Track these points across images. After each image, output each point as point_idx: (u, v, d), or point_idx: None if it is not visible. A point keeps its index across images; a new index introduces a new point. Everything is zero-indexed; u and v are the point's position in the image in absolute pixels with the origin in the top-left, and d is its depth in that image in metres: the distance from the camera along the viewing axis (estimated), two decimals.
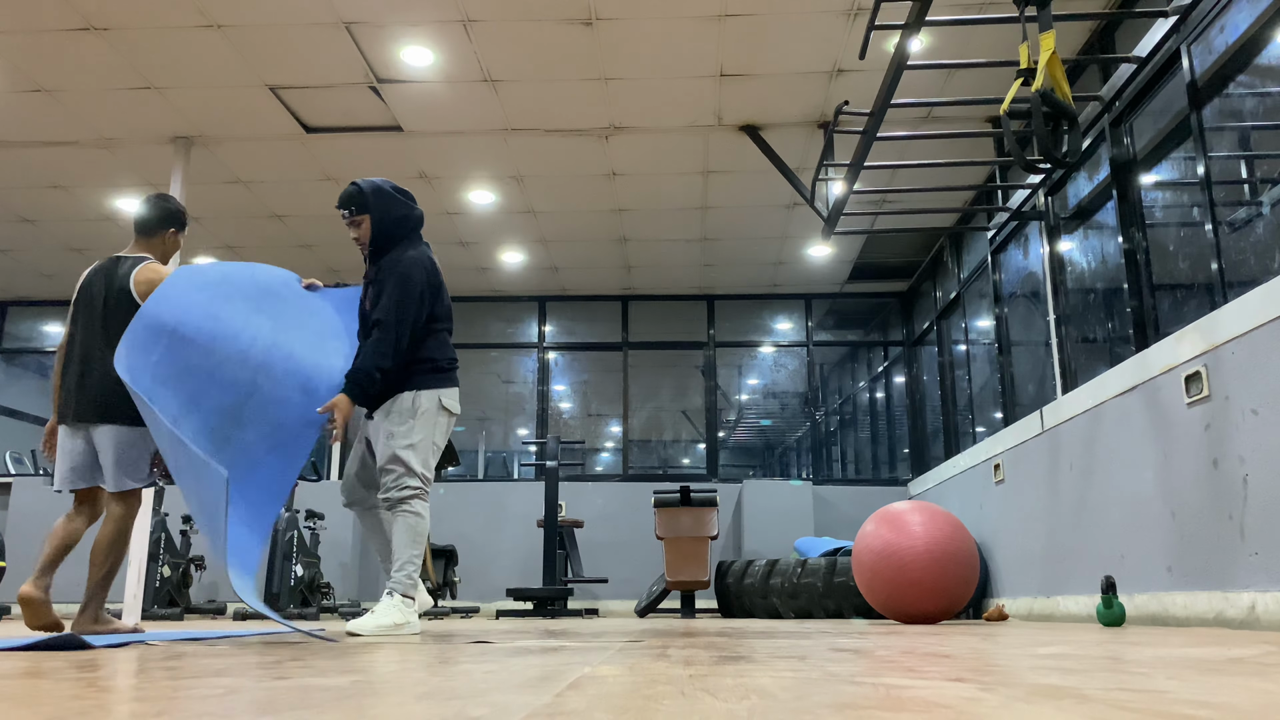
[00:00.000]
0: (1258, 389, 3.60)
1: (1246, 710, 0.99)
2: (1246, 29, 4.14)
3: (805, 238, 8.61)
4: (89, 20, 5.49)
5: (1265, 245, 4.10)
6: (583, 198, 7.81)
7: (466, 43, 5.72)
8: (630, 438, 9.94)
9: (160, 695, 1.21)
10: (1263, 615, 3.57)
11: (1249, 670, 1.53)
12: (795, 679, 1.40)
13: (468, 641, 2.84)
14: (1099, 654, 2.00)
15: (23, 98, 6.31)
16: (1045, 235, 6.29)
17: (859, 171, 5.58)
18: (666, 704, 1.08)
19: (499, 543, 9.24)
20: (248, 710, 1.03)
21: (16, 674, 1.58)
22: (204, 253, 8.90)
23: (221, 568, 7.37)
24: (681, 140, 6.88)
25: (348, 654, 2.19)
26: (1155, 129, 4.99)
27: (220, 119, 6.60)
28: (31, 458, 10.10)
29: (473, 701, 1.12)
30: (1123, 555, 4.73)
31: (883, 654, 2.05)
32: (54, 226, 8.34)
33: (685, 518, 7.88)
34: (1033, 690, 1.20)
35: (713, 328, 10.03)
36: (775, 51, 5.81)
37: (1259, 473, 3.61)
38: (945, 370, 8.74)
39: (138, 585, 6.04)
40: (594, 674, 1.53)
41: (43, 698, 1.18)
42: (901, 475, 9.86)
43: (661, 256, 9.06)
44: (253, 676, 1.51)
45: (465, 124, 6.67)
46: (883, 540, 5.04)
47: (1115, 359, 5.21)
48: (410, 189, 7.63)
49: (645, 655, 2.05)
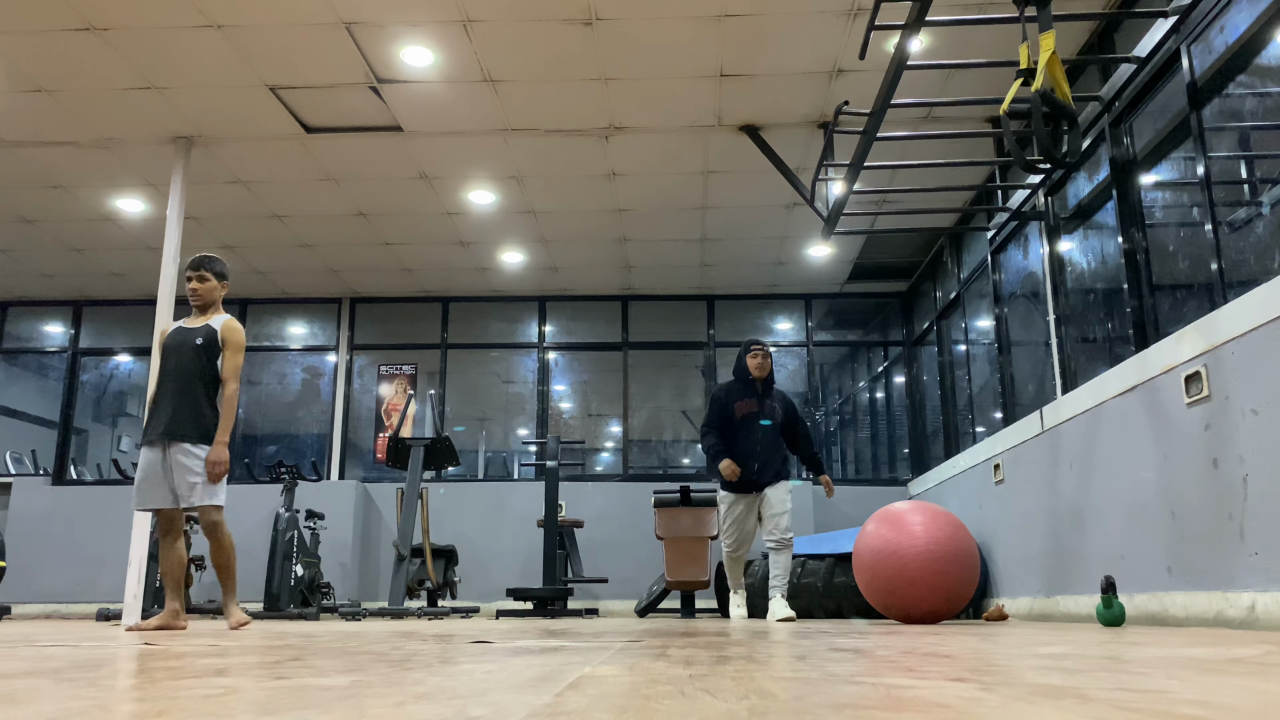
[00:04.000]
0: (1257, 389, 3.60)
1: (1246, 710, 0.99)
2: (1246, 29, 4.14)
3: (805, 238, 8.61)
4: (89, 20, 5.49)
5: (1265, 245, 4.10)
6: (583, 198, 7.81)
7: (466, 43, 5.72)
8: (630, 438, 9.94)
9: (160, 695, 1.21)
10: (1263, 615, 3.57)
11: (1249, 670, 1.53)
12: (795, 679, 1.40)
13: (468, 641, 2.84)
14: (1099, 654, 2.00)
15: (23, 98, 6.31)
16: (1045, 235, 6.29)
17: (859, 171, 5.58)
18: (666, 704, 1.08)
19: (499, 543, 9.24)
20: (248, 710, 1.03)
21: (17, 674, 1.59)
22: (204, 253, 8.89)
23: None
24: (681, 140, 6.88)
25: (347, 654, 2.19)
26: (1155, 129, 4.99)
27: (220, 119, 6.60)
28: (32, 457, 10.10)
29: (473, 701, 1.12)
30: (1123, 555, 4.73)
31: (883, 654, 2.05)
32: (54, 226, 8.34)
33: (685, 518, 7.88)
34: (1033, 690, 1.20)
35: (713, 328, 10.03)
36: (775, 51, 5.81)
37: (1259, 473, 3.61)
38: (945, 370, 8.74)
39: (138, 585, 6.04)
40: (594, 674, 1.53)
41: (43, 698, 1.18)
42: (901, 475, 9.86)
43: (661, 256, 9.06)
44: (253, 676, 1.51)
45: (465, 124, 6.67)
46: (883, 540, 5.04)
47: (1115, 359, 5.21)
48: (410, 189, 7.66)
49: (645, 655, 2.05)
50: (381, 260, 9.13)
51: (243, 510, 9.18)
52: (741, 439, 5.96)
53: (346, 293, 10.07)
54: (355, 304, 10.21)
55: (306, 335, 10.33)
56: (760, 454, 5.95)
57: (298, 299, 10.17)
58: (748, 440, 5.95)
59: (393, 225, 8.36)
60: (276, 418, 10.44)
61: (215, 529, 4.40)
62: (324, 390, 10.13)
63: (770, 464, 5.96)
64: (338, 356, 10.12)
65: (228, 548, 4.42)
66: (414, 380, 10.05)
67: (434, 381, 9.95)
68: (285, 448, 10.50)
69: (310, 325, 10.33)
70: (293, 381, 10.37)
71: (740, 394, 6.07)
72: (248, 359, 10.17)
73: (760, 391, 6.05)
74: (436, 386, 9.89)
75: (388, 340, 10.20)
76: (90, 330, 10.25)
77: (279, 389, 10.38)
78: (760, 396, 6.04)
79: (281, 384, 10.39)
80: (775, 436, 6.01)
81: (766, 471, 5.95)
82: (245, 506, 9.19)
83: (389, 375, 10.07)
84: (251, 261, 9.15)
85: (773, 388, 6.16)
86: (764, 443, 5.96)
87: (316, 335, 10.29)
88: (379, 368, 10.12)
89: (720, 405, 6.07)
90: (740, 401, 6.04)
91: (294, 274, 9.49)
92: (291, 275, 9.53)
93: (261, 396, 10.35)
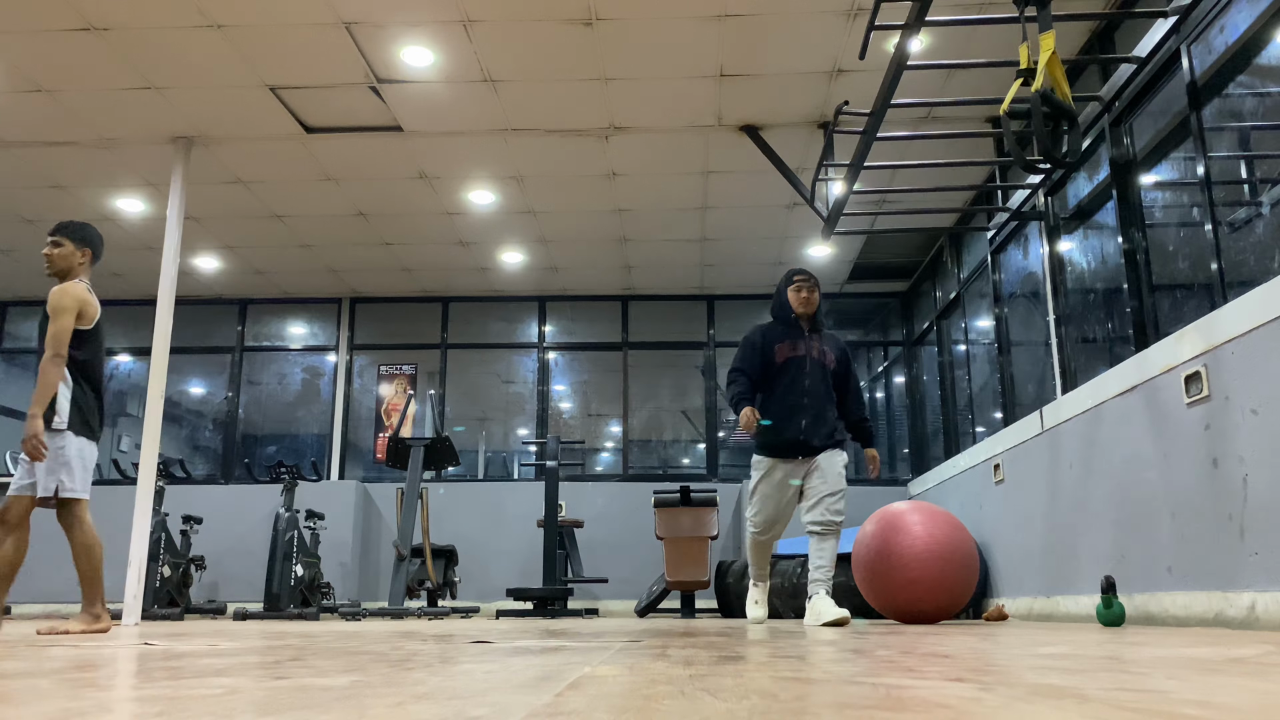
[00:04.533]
0: (1257, 389, 3.60)
1: (1246, 710, 0.99)
2: (1246, 29, 4.14)
3: (805, 238, 8.61)
4: (89, 20, 5.49)
5: (1265, 245, 4.10)
6: (583, 198, 7.81)
7: (466, 43, 5.72)
8: (630, 438, 9.94)
9: (160, 695, 1.21)
10: (1263, 615, 3.57)
11: (1249, 670, 1.53)
12: (795, 679, 1.40)
13: (468, 641, 2.83)
14: (1099, 654, 2.00)
15: (23, 98, 6.31)
16: (1045, 235, 6.29)
17: (859, 171, 5.58)
18: (666, 704, 1.08)
19: (499, 543, 9.24)
20: (248, 710, 1.03)
21: (17, 674, 1.59)
22: (204, 253, 8.90)
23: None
24: (681, 140, 6.87)
25: (347, 654, 2.19)
26: (1155, 129, 4.99)
27: (220, 119, 6.60)
28: None
29: (473, 701, 1.12)
30: (1123, 555, 4.73)
31: (883, 654, 2.05)
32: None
33: (685, 518, 7.88)
34: (1033, 690, 1.20)
35: (712, 328, 10.03)
36: (775, 51, 5.81)
37: (1259, 473, 3.61)
38: (945, 370, 8.74)
39: (138, 585, 6.04)
40: (594, 674, 1.53)
41: (43, 698, 1.18)
42: (901, 475, 9.85)
43: (661, 256, 9.06)
44: (253, 676, 1.51)
45: (465, 124, 6.67)
46: (881, 540, 5.04)
47: (1115, 359, 5.21)
48: (410, 189, 7.66)
49: (645, 655, 2.05)
50: (381, 260, 9.13)
51: (243, 510, 9.18)
52: (784, 390, 4.82)
53: (346, 293, 10.07)
54: (355, 304, 10.21)
55: (306, 335, 10.33)
56: (809, 407, 4.80)
57: (298, 299, 10.17)
58: (792, 391, 4.80)
59: (393, 225, 8.36)
60: (276, 418, 10.44)
61: (66, 524, 4.00)
62: (324, 390, 10.13)
63: (823, 420, 4.82)
64: (338, 356, 10.12)
65: (84, 547, 4.02)
66: (414, 380, 10.05)
67: (434, 381, 9.95)
68: (285, 448, 10.50)
69: (310, 325, 10.33)
70: (293, 381, 10.38)
71: (781, 335, 4.92)
72: (247, 358, 10.17)
73: (807, 332, 4.95)
74: (436, 386, 9.89)
75: (388, 340, 10.20)
76: None
77: (279, 389, 10.38)
78: (807, 337, 4.93)
79: (281, 384, 10.39)
80: (827, 386, 4.87)
81: (818, 430, 4.80)
82: (245, 506, 9.20)
83: (389, 375, 10.07)
84: (251, 261, 9.15)
85: (822, 327, 5.03)
86: (812, 393, 4.82)
87: (316, 335, 10.29)
88: (379, 368, 10.12)
89: (754, 348, 4.90)
90: (782, 343, 4.88)
91: (294, 274, 9.49)
92: (291, 275, 9.53)
93: (261, 396, 10.35)
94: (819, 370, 4.85)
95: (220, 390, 10.19)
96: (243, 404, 10.09)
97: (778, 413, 4.79)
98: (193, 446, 11.13)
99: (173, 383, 10.37)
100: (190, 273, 9.31)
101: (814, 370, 4.84)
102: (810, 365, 4.83)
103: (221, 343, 10.16)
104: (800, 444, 4.80)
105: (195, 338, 10.06)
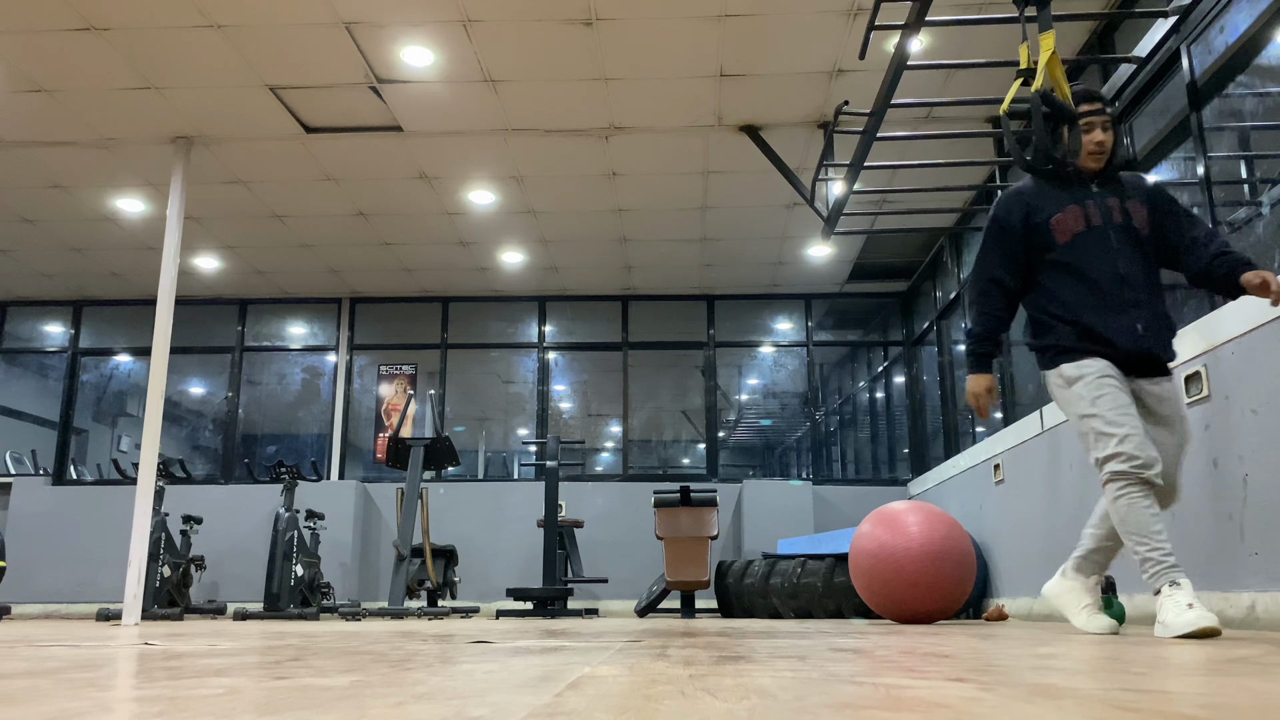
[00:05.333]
0: (1257, 389, 3.61)
1: (1246, 710, 0.99)
2: (1246, 29, 4.14)
3: (805, 238, 8.61)
4: (89, 20, 5.49)
5: (1265, 245, 4.10)
6: (583, 198, 7.81)
7: (466, 43, 5.72)
8: (630, 438, 9.94)
9: (160, 695, 1.21)
10: (1262, 615, 3.57)
11: (1249, 670, 1.53)
12: (795, 679, 1.40)
13: (468, 641, 2.83)
14: (1099, 654, 2.00)
15: (23, 98, 6.31)
16: None
17: (859, 171, 5.58)
18: (666, 704, 1.08)
19: (499, 543, 9.24)
20: (248, 710, 1.03)
21: (17, 674, 1.59)
22: (204, 253, 8.90)
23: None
24: (681, 140, 6.88)
25: (347, 654, 2.19)
26: (1155, 129, 4.99)
27: (220, 119, 6.60)
28: (32, 457, 10.10)
29: (473, 701, 1.12)
30: (1122, 555, 4.72)
31: (882, 654, 2.05)
32: (54, 226, 8.34)
33: (685, 518, 7.88)
34: (1033, 690, 1.20)
35: (713, 328, 10.03)
36: (775, 51, 5.81)
37: (1259, 473, 3.61)
38: (945, 370, 8.74)
39: (138, 585, 6.04)
40: (594, 674, 1.53)
41: (43, 698, 1.18)
42: (901, 475, 9.86)
43: (661, 256, 9.06)
44: (253, 676, 1.51)
45: (465, 124, 6.67)
46: (878, 541, 5.04)
47: None
48: (410, 189, 7.66)
49: (645, 655, 2.05)
50: (381, 260, 9.13)
51: (243, 510, 9.19)
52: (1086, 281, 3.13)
53: (346, 293, 10.07)
54: (355, 304, 10.21)
55: (306, 335, 10.33)
56: (1132, 299, 3.11)
57: (298, 299, 10.17)
58: (1102, 277, 3.11)
59: (393, 225, 8.36)
60: (276, 418, 10.44)
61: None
62: (324, 390, 10.13)
63: (1160, 318, 3.14)
64: (338, 356, 10.12)
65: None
66: (414, 380, 10.05)
67: (434, 381, 9.95)
68: (285, 448, 10.51)
69: (310, 325, 10.33)
70: (293, 381, 10.38)
71: (1058, 200, 3.24)
72: (247, 358, 10.17)
73: (1099, 189, 3.24)
74: (436, 386, 9.89)
75: (388, 340, 10.20)
76: (90, 330, 10.25)
77: (279, 389, 10.39)
78: (1099, 194, 3.22)
79: (281, 384, 10.39)
80: (1150, 263, 3.19)
81: (1157, 333, 3.12)
82: (245, 506, 9.20)
83: (389, 375, 10.07)
84: (251, 261, 9.15)
85: (1119, 175, 3.29)
86: (1132, 279, 3.12)
87: (316, 335, 10.29)
88: (379, 368, 10.12)
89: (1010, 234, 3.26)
90: (1063, 212, 3.21)
91: (294, 274, 9.49)
92: (291, 275, 9.53)
93: (261, 396, 10.35)
94: (1132, 242, 3.16)
95: (220, 390, 10.20)
96: (243, 404, 10.09)
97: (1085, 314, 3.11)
98: (193, 446, 11.15)
99: (173, 383, 10.38)
100: (190, 272, 9.32)
101: (1123, 245, 3.15)
102: (1117, 238, 3.15)
103: (221, 343, 10.17)
104: (1143, 356, 3.11)
105: (195, 338, 10.07)
